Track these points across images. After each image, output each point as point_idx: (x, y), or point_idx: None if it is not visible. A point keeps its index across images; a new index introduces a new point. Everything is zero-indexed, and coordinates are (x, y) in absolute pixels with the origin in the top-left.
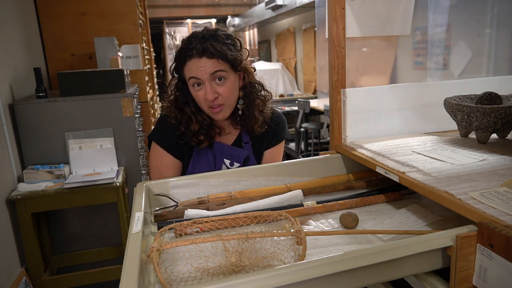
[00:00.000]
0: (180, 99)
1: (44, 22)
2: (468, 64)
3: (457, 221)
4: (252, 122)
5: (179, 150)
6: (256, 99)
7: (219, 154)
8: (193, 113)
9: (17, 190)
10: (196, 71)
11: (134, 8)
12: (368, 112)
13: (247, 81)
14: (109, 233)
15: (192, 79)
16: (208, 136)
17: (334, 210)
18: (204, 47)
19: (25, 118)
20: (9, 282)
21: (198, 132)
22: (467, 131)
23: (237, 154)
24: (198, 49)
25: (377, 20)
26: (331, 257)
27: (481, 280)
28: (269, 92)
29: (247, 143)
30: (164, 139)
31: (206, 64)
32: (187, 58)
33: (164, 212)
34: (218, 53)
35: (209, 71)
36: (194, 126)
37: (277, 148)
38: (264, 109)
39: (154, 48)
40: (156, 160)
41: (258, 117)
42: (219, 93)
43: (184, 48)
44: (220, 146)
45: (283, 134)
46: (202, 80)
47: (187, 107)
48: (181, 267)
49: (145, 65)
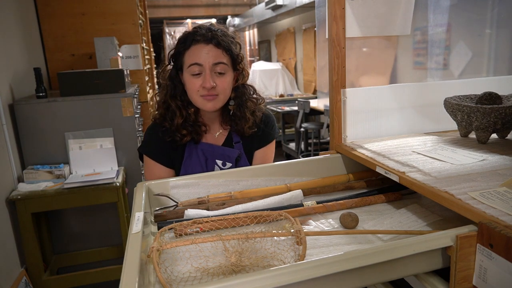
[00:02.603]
0: (169, 91)
1: (44, 22)
2: (468, 64)
3: (457, 221)
4: (243, 123)
5: (169, 158)
6: (248, 101)
7: (210, 155)
8: (178, 108)
9: (17, 190)
10: (199, 57)
11: (134, 8)
12: (368, 112)
13: (240, 82)
14: (109, 233)
15: (193, 65)
16: (193, 132)
17: (334, 210)
18: (213, 35)
19: (25, 118)
20: (9, 282)
21: (182, 127)
22: (467, 131)
23: (228, 154)
24: (206, 35)
25: (377, 20)
26: (331, 257)
27: (481, 280)
28: (261, 97)
29: (238, 143)
30: (153, 151)
31: (211, 51)
32: (193, 43)
33: (164, 212)
34: (225, 44)
35: (213, 60)
36: (177, 119)
37: (268, 147)
38: (255, 111)
39: (154, 48)
40: (148, 171)
41: (250, 117)
42: (216, 83)
43: (190, 33)
44: (211, 147)
45: (273, 134)
46: (204, 67)
47: (173, 101)
48: (181, 267)
49: (145, 65)
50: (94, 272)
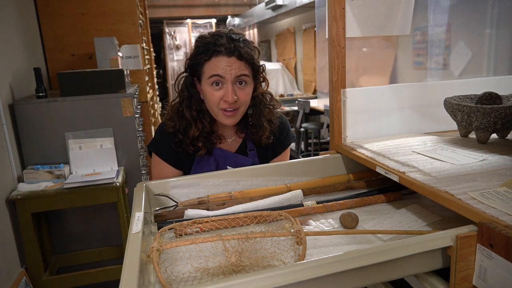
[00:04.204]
0: (185, 100)
1: (44, 22)
2: (468, 64)
3: (457, 221)
4: (261, 133)
5: (178, 159)
6: (265, 109)
7: (222, 161)
8: (193, 118)
9: (17, 190)
10: (222, 69)
11: (134, 8)
12: (368, 112)
13: (260, 91)
14: (109, 233)
15: (214, 77)
16: (207, 143)
17: (334, 210)
18: (235, 46)
19: (25, 118)
20: (9, 282)
21: (197, 139)
22: (467, 131)
23: (241, 162)
24: (228, 47)
25: (377, 20)
26: (331, 257)
27: (481, 280)
28: (277, 102)
29: (252, 151)
30: (162, 150)
31: (235, 64)
32: (215, 54)
33: (164, 212)
34: (248, 56)
35: (236, 72)
36: (193, 132)
37: (283, 155)
38: (272, 119)
39: (154, 48)
40: (156, 169)
41: (266, 127)
42: (238, 97)
43: (211, 43)
44: (223, 153)
45: (288, 140)
46: (226, 80)
47: (188, 111)
48: (181, 267)
49: (145, 65)
50: (94, 272)
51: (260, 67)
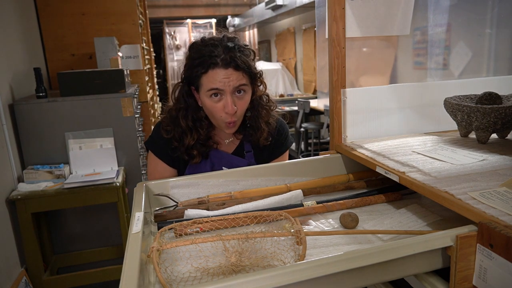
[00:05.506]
0: (181, 110)
1: (44, 22)
2: (468, 64)
3: (457, 221)
4: (258, 134)
5: (173, 159)
6: (263, 110)
7: (217, 162)
8: (188, 128)
9: (17, 190)
10: (220, 82)
11: (134, 8)
12: (368, 112)
13: (257, 95)
14: (109, 233)
15: (212, 90)
16: (202, 151)
17: (334, 210)
18: (231, 57)
19: (25, 118)
20: (9, 282)
21: (192, 148)
22: (467, 131)
23: (237, 163)
24: (224, 58)
25: (377, 20)
26: (331, 257)
27: (481, 280)
28: (273, 103)
29: (250, 152)
30: (158, 148)
31: (232, 76)
32: (211, 66)
33: (164, 212)
34: (244, 65)
35: (234, 84)
36: (188, 140)
37: (282, 157)
38: (270, 120)
39: (154, 48)
40: (151, 166)
41: (264, 128)
42: (237, 107)
43: (207, 55)
44: (219, 154)
45: (286, 144)
46: (225, 92)
47: (184, 121)
48: (181, 267)
49: (145, 65)
50: (94, 272)
51: (257, 73)
